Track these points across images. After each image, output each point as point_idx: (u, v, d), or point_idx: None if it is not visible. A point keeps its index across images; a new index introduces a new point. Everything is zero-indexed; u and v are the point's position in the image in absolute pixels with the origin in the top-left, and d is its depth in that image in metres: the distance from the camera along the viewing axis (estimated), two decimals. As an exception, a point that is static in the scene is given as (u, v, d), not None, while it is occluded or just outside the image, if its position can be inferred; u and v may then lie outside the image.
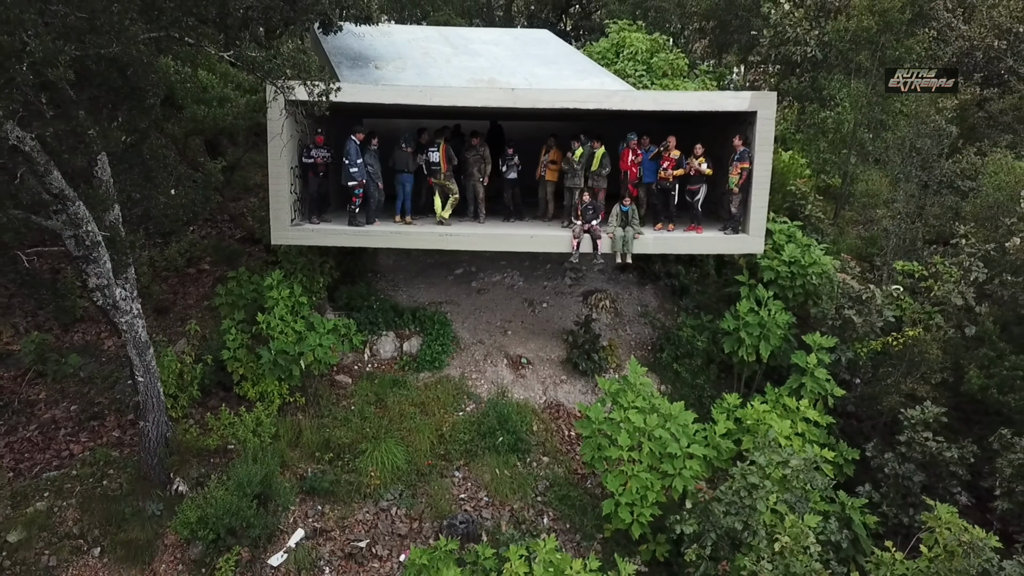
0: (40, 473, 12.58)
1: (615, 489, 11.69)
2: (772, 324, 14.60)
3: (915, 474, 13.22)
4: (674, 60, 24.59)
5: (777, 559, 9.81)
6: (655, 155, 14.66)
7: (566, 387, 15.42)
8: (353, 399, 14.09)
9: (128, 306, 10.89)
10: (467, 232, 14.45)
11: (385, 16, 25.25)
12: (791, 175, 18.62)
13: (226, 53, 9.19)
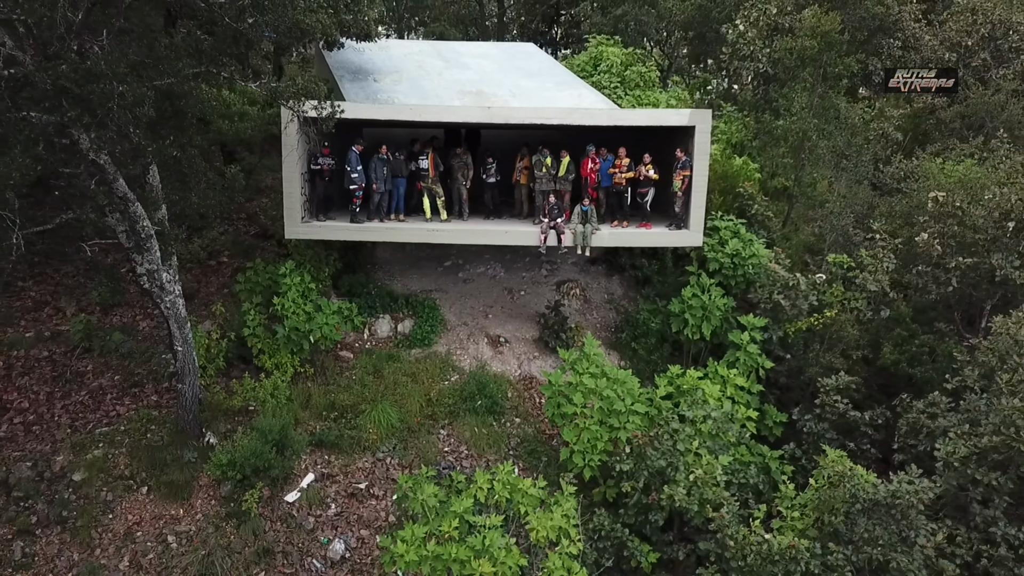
0: (93, 429, 15.18)
1: (571, 439, 14.28)
2: (713, 307, 17.19)
3: (828, 432, 15.79)
4: (646, 72, 27.21)
5: (693, 488, 12.39)
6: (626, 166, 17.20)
7: (538, 362, 18.01)
8: (354, 370, 16.68)
9: (172, 287, 13.49)
10: (451, 228, 17.05)
11: (384, 29, 27.61)
12: (742, 178, 21.18)
13: (253, 84, 11.69)
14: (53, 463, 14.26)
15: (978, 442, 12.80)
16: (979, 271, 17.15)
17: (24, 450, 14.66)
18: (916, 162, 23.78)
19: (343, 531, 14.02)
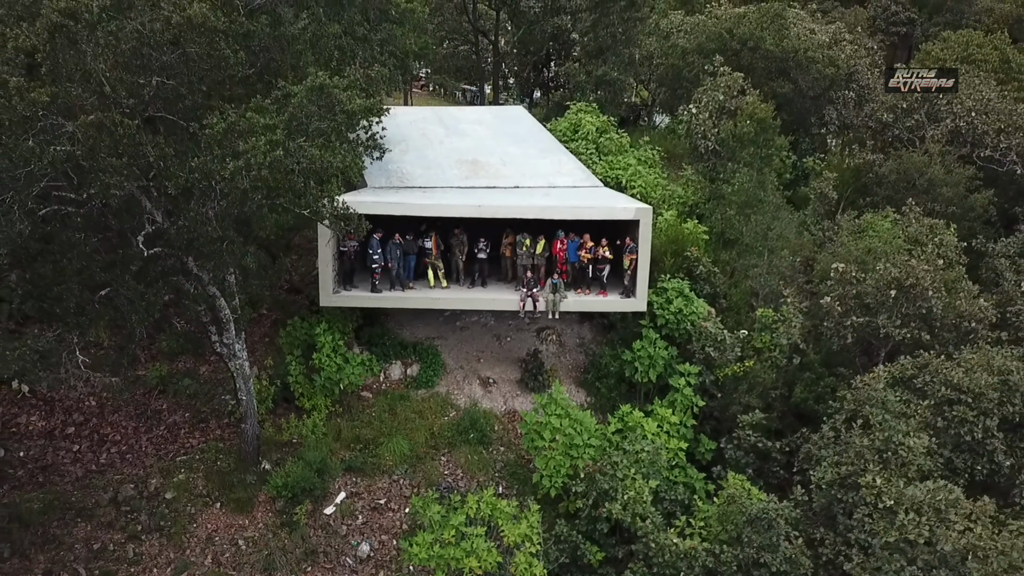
0: (174, 457, 19.84)
1: (541, 466, 18.92)
2: (657, 356, 21.82)
3: (745, 458, 20.43)
4: (619, 140, 31.86)
5: (628, 505, 17.02)
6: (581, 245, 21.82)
7: (520, 399, 22.66)
8: (373, 409, 21.32)
9: (241, 353, 18.10)
10: (449, 296, 21.69)
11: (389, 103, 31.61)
12: (690, 243, 25.75)
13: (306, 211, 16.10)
14: (149, 485, 18.92)
15: (839, 470, 17.41)
16: (869, 328, 21.76)
17: (123, 474, 19.32)
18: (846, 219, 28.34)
19: (368, 536, 18.68)
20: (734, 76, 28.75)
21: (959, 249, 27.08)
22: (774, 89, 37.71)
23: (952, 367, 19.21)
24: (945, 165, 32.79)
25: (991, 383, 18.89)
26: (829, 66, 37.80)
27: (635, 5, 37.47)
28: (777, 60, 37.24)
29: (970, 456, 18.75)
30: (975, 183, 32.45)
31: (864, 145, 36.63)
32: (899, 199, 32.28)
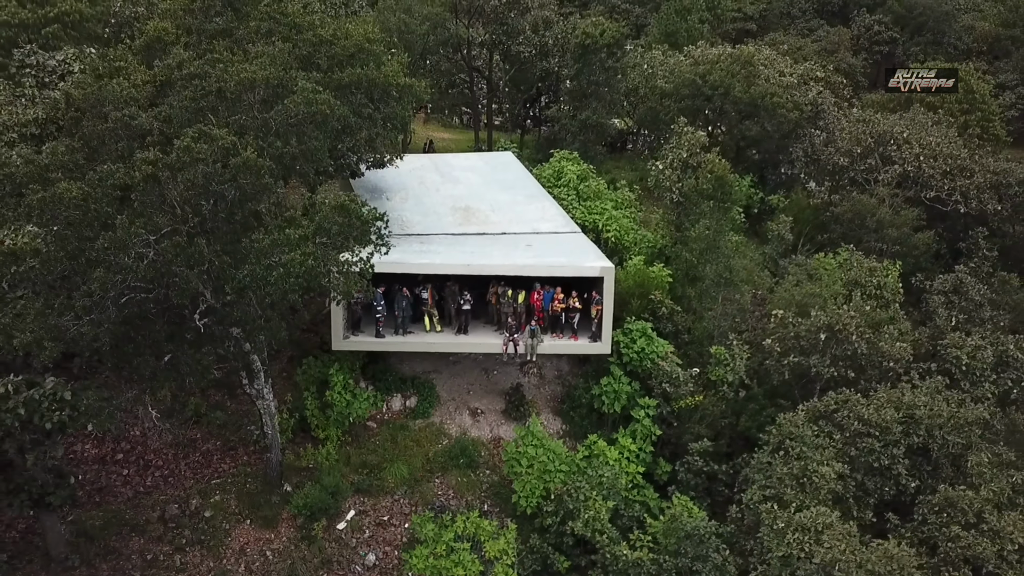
0: (209, 480, 23.62)
1: (519, 489, 22.71)
2: (621, 391, 25.59)
3: (695, 479, 24.22)
4: (596, 186, 35.62)
5: (589, 522, 20.81)
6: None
7: (504, 427, 26.44)
8: (378, 437, 25.11)
9: (268, 396, 21.86)
10: (442, 340, 25.45)
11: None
12: (655, 286, 29.49)
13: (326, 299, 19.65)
14: (190, 504, 22.70)
15: (765, 492, 21.20)
16: (804, 367, 25.54)
17: (167, 495, 23.10)
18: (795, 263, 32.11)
19: (374, 547, 22.48)
20: (697, 135, 32.45)
21: (896, 289, 30.89)
22: (743, 131, 41.66)
23: (864, 404, 22.98)
24: (893, 207, 36.57)
25: (896, 418, 22.66)
26: (794, 110, 41.42)
27: (615, 55, 41.09)
28: (746, 105, 41.02)
29: (879, 479, 22.53)
30: (919, 223, 36.19)
31: (822, 185, 40.27)
32: (853, 236, 36.15)
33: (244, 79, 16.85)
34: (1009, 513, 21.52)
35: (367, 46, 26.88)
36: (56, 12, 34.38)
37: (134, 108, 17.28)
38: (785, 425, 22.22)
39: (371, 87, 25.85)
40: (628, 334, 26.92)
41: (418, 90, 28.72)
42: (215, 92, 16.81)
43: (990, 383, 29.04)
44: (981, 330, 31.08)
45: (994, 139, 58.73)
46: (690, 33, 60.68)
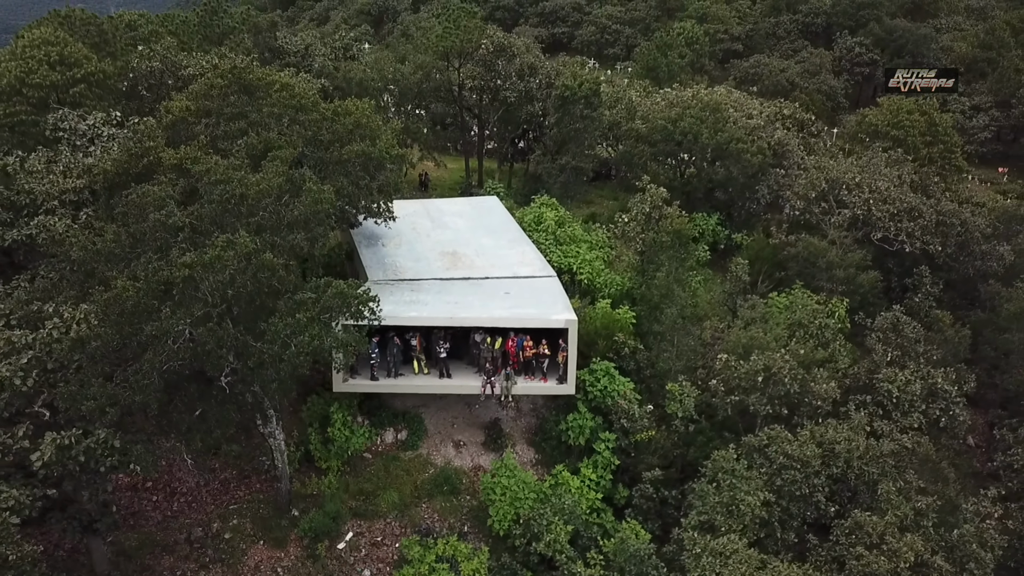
0: (227, 506, 27.63)
1: (494, 514, 26.71)
2: (585, 426, 29.56)
3: (647, 504, 28.20)
4: (572, 231, 39.59)
5: (550, 543, 24.80)
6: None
7: (484, 457, 30.43)
8: (372, 467, 29.09)
9: (279, 435, 25.84)
10: (428, 383, 29.43)
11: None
12: (619, 327, 33.44)
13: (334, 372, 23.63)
14: (211, 527, 26.71)
15: (701, 518, 25.17)
16: (744, 404, 29.51)
17: (191, 519, 27.11)
18: (746, 307, 36.08)
19: (370, 564, 26.49)
20: (659, 191, 36.41)
21: (836, 329, 34.88)
22: (710, 174, 45.65)
23: (790, 441, 26.96)
24: (842, 248, 40.51)
25: (817, 453, 26.64)
26: (757, 154, 45.36)
27: (591, 105, 45.00)
28: (713, 150, 45.02)
29: (802, 505, 26.52)
30: (865, 264, 40.12)
31: (780, 227, 44.19)
32: (806, 274, 40.19)
33: (263, 189, 20.77)
34: (909, 534, 25.48)
35: (364, 121, 30.85)
36: (82, 73, 38.40)
37: (171, 206, 21.24)
38: (718, 460, 26.21)
39: (367, 161, 29.83)
40: (593, 373, 30.91)
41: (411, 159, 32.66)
42: (238, 198, 20.74)
43: (919, 412, 33.14)
44: (914, 364, 35.03)
45: (956, 169, 62.75)
46: (670, 68, 64.82)
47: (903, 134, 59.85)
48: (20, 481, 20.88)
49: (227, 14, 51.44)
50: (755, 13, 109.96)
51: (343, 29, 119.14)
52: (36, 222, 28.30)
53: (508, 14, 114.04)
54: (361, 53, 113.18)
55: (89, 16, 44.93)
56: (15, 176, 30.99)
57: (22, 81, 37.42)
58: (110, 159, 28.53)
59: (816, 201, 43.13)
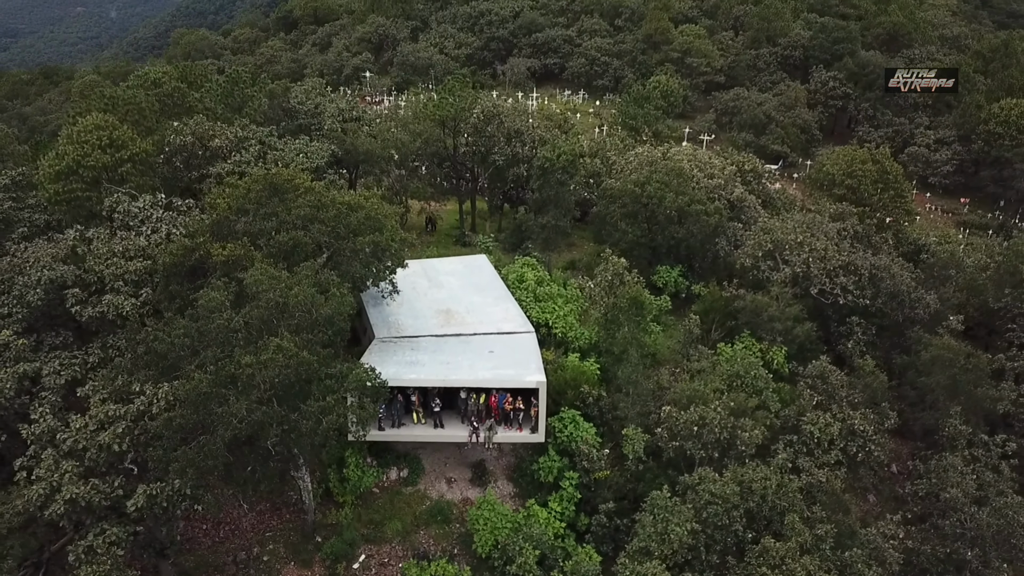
0: (263, 533, 34.81)
1: (478, 541, 33.91)
2: (554, 466, 36.73)
3: (603, 531, 35.36)
4: (549, 290, 46.71)
5: (522, 564, 31.99)
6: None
7: (471, 491, 37.61)
8: (380, 500, 36.26)
9: (306, 478, 32.97)
10: (425, 433, 36.61)
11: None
12: (584, 380, 40.55)
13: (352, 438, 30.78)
14: (252, 551, 33.88)
15: (640, 545, 32.29)
16: (683, 449, 36.63)
17: (235, 544, 34.29)
18: (694, 360, 43.19)
19: (379, 581, 33.72)
20: (620, 262, 43.53)
21: (769, 379, 41.98)
22: (672, 233, 52.73)
23: (714, 480, 34.05)
24: (783, 302, 47.59)
25: (735, 491, 33.75)
26: (714, 214, 52.47)
27: (569, 173, 52.02)
28: (675, 211, 52.09)
29: (723, 533, 33.65)
30: (801, 317, 47.18)
31: (731, 282, 51.21)
32: (753, 324, 47.33)
33: (301, 301, 27.84)
34: (807, 557, 32.61)
35: (373, 214, 37.94)
36: (128, 154, 45.58)
37: (228, 311, 28.39)
38: (655, 498, 33.34)
39: (376, 248, 36.97)
40: (562, 420, 38.08)
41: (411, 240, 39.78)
42: (279, 306, 27.84)
43: (839, 449, 40.34)
44: (837, 407, 42.18)
45: (906, 213, 69.99)
46: (647, 119, 71.96)
47: (856, 183, 67.02)
48: (115, 520, 28.08)
49: (246, 83, 58.42)
50: (737, 45, 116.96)
51: (345, 56, 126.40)
52: (106, 300, 35.48)
53: (502, 45, 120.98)
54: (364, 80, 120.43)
55: (129, 96, 51.95)
56: (84, 256, 38.10)
57: (78, 163, 44.59)
58: (167, 251, 35.62)
59: (763, 259, 50.21)
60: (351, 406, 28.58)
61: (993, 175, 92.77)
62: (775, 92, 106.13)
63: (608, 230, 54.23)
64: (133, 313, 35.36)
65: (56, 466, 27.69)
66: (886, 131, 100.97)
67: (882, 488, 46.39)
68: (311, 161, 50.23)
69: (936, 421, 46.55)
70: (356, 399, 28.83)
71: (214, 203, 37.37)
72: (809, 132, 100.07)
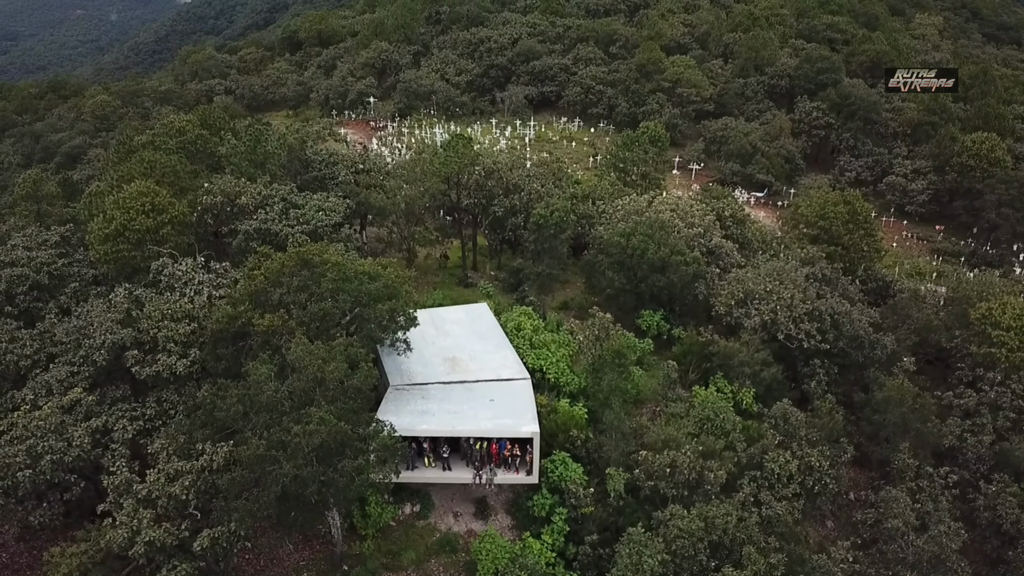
0: (298, 562, 41.19)
1: (481, 568, 40.32)
2: (545, 504, 43.12)
3: (587, 559, 41.78)
4: (544, 338, 53.04)
5: (517, 590, 38.46)
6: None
7: (475, 524, 44.01)
8: (397, 533, 42.66)
9: (336, 517, 39.32)
10: (434, 475, 42.96)
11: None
12: (573, 424, 46.91)
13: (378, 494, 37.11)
14: (293, 578, 40.34)
15: (617, 573, 38.68)
16: (657, 488, 42.99)
17: (273, 572, 40.64)
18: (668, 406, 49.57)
19: (397, 603, 40.14)
20: (606, 317, 49.85)
21: (735, 421, 48.33)
22: (654, 281, 59.02)
23: (682, 517, 40.41)
24: (752, 347, 53.93)
25: (700, 526, 40.13)
26: (692, 264, 58.79)
27: (561, 228, 58.25)
28: (657, 261, 58.37)
29: (690, 562, 40.03)
30: (768, 361, 53.51)
31: (708, 326, 57.58)
32: (726, 367, 53.70)
33: (336, 376, 34.15)
34: (761, 582, 39.06)
35: (390, 282, 44.23)
36: (168, 217, 51.91)
37: (274, 384, 34.72)
38: (631, 533, 39.73)
39: (393, 311, 43.30)
40: (553, 461, 44.43)
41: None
42: (318, 379, 34.13)
43: (796, 484, 46.76)
44: (797, 445, 48.56)
45: (876, 252, 76.30)
46: (635, 161, 78.25)
47: (828, 223, 73.27)
48: (183, 557, 34.44)
49: (268, 140, 64.65)
50: (726, 73, 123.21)
51: (349, 80, 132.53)
52: (161, 361, 41.79)
53: (501, 72, 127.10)
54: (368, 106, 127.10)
55: (166, 160, 58.20)
56: (138, 319, 44.42)
57: (125, 227, 50.86)
58: (214, 319, 41.93)
59: (737, 306, 56.56)
60: (376, 461, 34.91)
61: (965, 205, 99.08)
62: (761, 121, 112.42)
63: (597, 277, 60.56)
64: (184, 372, 41.69)
65: (135, 512, 33.99)
66: (866, 160, 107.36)
67: (839, 514, 52.81)
68: (330, 218, 56.44)
69: (889, 454, 53.01)
70: (380, 457, 35.13)
71: (253, 274, 43.58)
72: (793, 161, 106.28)
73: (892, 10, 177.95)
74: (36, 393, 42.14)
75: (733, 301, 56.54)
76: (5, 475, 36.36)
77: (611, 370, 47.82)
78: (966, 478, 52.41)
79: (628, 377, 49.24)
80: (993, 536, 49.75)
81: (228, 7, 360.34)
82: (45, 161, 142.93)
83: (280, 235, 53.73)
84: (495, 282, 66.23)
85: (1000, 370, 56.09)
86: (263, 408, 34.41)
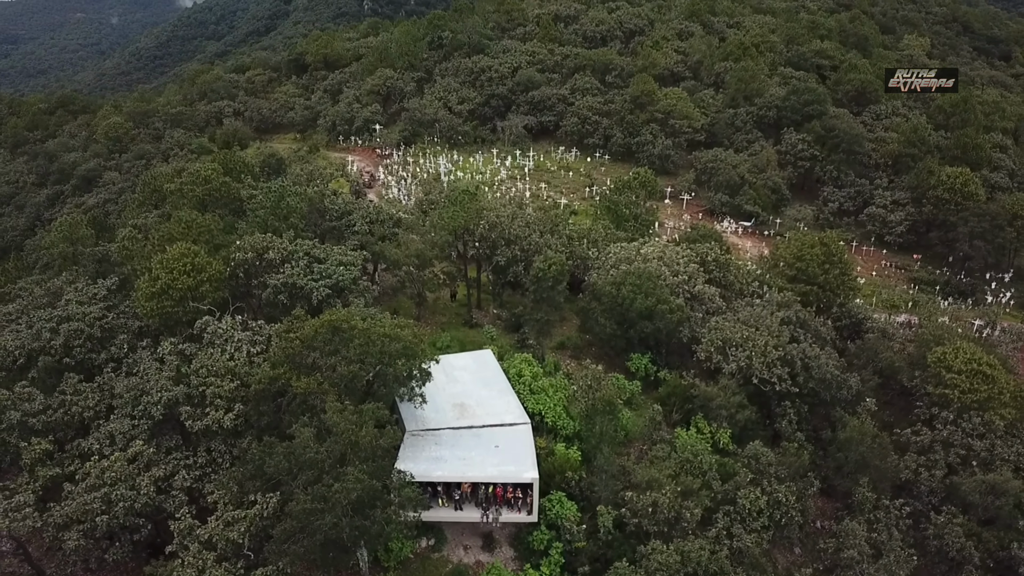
0: (330, 590, 48.29)
1: (488, 595, 47.48)
2: (544, 539, 50.15)
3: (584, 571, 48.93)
4: (541, 384, 60.06)
5: (520, 616, 45.52)
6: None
7: (482, 556, 51.07)
8: (415, 564, 49.69)
9: (364, 554, 46.31)
10: (446, 514, 49.99)
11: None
12: (568, 467, 53.89)
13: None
14: (324, 605, 47.34)
15: (606, 601, 45.74)
16: (641, 524, 50.00)
17: (310, 599, 47.71)
18: (666, 434, 56.61)
19: (416, 626, 47.20)
20: (596, 369, 56.80)
21: (712, 462, 55.35)
22: (642, 328, 65.97)
23: (661, 551, 47.40)
24: (729, 391, 60.92)
25: (677, 560, 47.16)
26: (676, 311, 65.74)
27: (558, 280, 65.19)
28: (645, 310, 65.32)
29: (667, 591, 47.08)
30: (743, 404, 60.48)
31: (690, 369, 64.53)
32: (706, 408, 60.75)
33: (368, 443, 41.17)
34: (730, 609, 46.11)
35: (408, 343, 51.18)
36: (206, 276, 58.90)
37: (315, 444, 41.69)
38: (617, 567, 46.77)
39: (410, 367, 50.31)
40: (551, 500, 51.45)
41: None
42: (351, 444, 41.11)
43: (766, 517, 53.83)
44: (767, 482, 55.59)
45: (850, 290, 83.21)
46: (627, 204, 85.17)
47: (805, 265, 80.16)
48: (237, 591, 41.50)
49: (291, 195, 71.51)
50: (717, 102, 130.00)
51: (355, 107, 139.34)
52: (210, 416, 48.76)
53: (501, 102, 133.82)
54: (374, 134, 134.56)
55: (202, 220, 65.12)
56: (187, 375, 51.42)
57: (169, 286, 57.78)
58: (257, 379, 48.90)
59: (716, 353, 63.56)
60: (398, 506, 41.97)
61: (940, 236, 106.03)
62: (750, 152, 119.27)
63: (591, 323, 67.54)
64: (230, 425, 48.69)
65: (199, 553, 41.00)
66: (849, 191, 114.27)
67: (807, 541, 59.89)
68: (350, 272, 63.32)
69: (851, 487, 60.03)
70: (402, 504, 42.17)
71: (289, 337, 50.47)
72: (779, 192, 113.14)
73: (882, 28, 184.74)
74: (101, 443, 49.13)
75: (713, 348, 63.48)
76: (85, 519, 43.34)
77: (602, 417, 54.80)
78: (919, 509, 59.41)
79: (617, 424, 56.24)
80: (941, 562, 56.76)
81: (229, 12, 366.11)
82: (61, 183, 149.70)
83: (305, 288, 60.58)
84: (498, 321, 73.16)
85: (953, 409, 63.01)
86: (306, 465, 41.37)
